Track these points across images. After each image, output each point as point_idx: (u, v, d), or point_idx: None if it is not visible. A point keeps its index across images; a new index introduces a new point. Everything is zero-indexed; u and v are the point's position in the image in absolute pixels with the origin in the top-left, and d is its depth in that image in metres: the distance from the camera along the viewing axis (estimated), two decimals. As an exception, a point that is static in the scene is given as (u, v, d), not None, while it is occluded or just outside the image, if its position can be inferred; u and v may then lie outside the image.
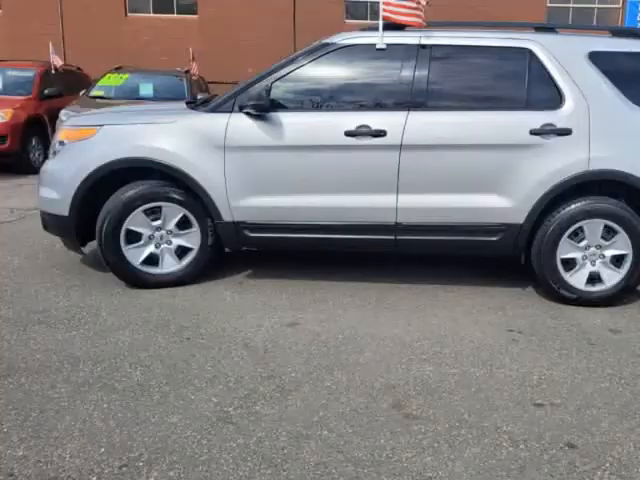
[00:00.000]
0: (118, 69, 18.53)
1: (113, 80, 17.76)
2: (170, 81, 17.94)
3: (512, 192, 7.02)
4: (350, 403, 4.95)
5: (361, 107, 7.31)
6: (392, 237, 7.24)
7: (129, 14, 28.77)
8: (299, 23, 27.29)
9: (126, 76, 17.95)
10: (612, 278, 7.18)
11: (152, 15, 28.97)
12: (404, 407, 4.92)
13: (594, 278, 7.20)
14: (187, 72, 19.02)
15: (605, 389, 5.33)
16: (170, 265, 7.39)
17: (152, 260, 7.35)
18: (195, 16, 28.64)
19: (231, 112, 7.13)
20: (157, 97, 16.53)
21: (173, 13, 29.04)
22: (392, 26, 7.27)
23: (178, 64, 20.76)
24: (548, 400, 5.10)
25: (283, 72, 7.21)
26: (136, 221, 7.18)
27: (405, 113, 7.04)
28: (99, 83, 17.75)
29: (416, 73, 7.13)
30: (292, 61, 7.30)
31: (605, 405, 5.05)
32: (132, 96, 16.57)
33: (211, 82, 21.14)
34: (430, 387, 5.25)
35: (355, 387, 5.20)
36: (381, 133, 6.98)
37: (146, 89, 17.33)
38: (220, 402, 4.89)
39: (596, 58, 7.10)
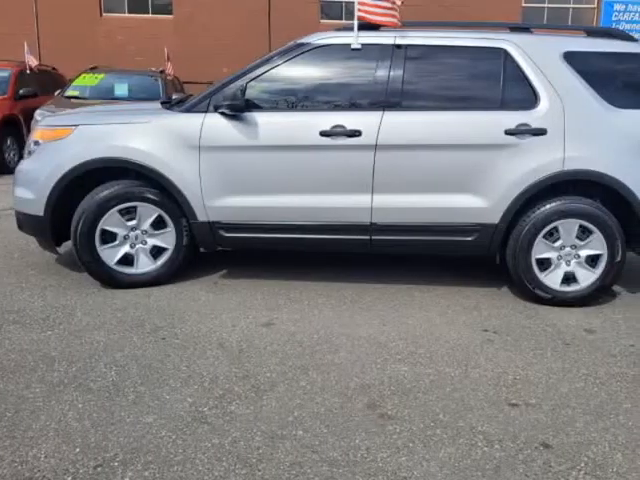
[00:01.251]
0: (93, 69, 18.48)
1: (88, 80, 17.67)
2: (145, 81, 17.88)
3: (487, 192, 7.03)
4: (325, 403, 4.94)
5: (336, 107, 7.30)
6: (367, 237, 7.23)
7: (104, 14, 28.58)
8: (274, 23, 27.21)
9: (101, 76, 17.88)
10: (587, 278, 7.19)
11: (127, 15, 28.81)
12: (379, 407, 4.91)
13: (569, 278, 7.22)
14: (162, 72, 18.97)
15: (580, 389, 5.33)
16: (145, 265, 7.37)
17: (127, 260, 7.32)
18: (170, 16, 28.51)
19: (206, 112, 7.12)
20: (132, 97, 16.43)
21: (148, 13, 28.89)
22: (367, 26, 7.27)
23: (153, 64, 20.66)
24: (523, 400, 5.10)
25: (258, 72, 7.21)
26: (111, 221, 7.16)
27: (380, 113, 7.04)
28: (74, 83, 17.66)
29: (391, 73, 7.13)
30: (267, 61, 7.29)
31: (580, 405, 5.05)
32: (107, 96, 16.53)
33: (186, 82, 21.07)
34: (405, 387, 5.24)
35: (330, 387, 5.20)
36: (356, 133, 6.98)
37: (121, 89, 17.27)
38: (195, 402, 4.87)
39: (571, 58, 7.12)
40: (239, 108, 6.97)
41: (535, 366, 5.73)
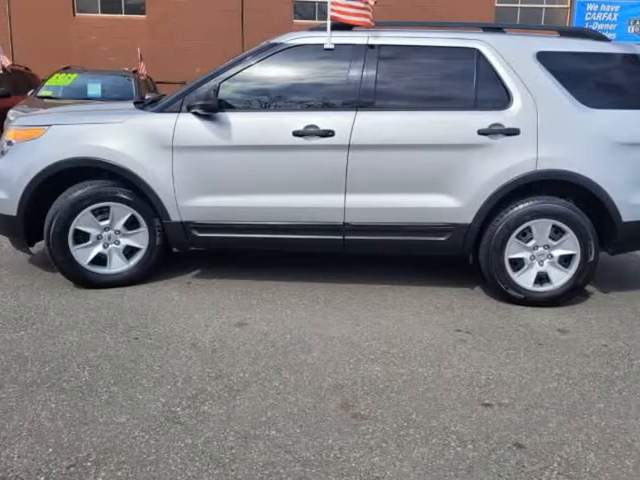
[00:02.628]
0: (66, 69, 18.41)
1: (61, 80, 17.60)
2: (118, 81, 17.84)
3: (460, 192, 7.03)
4: (298, 403, 4.92)
5: (309, 107, 7.28)
6: (340, 237, 7.21)
7: (77, 14, 28.43)
8: (247, 23, 27.20)
9: (74, 76, 17.80)
10: (560, 278, 7.20)
11: (100, 15, 28.67)
12: (352, 407, 4.89)
13: (542, 278, 7.23)
14: (135, 72, 18.89)
15: (553, 389, 5.33)
16: (118, 265, 7.34)
17: (100, 260, 7.28)
18: (143, 16, 28.38)
19: (179, 112, 7.09)
20: (105, 97, 16.41)
21: (121, 13, 28.75)
22: (340, 26, 7.26)
23: (126, 64, 20.63)
24: (496, 400, 5.10)
25: (231, 72, 7.19)
26: (84, 221, 7.13)
27: (353, 113, 7.03)
28: (47, 83, 17.59)
29: (364, 73, 7.12)
30: (240, 61, 7.28)
31: (553, 405, 5.05)
32: (80, 96, 16.46)
33: (159, 82, 21.01)
34: (378, 387, 5.23)
35: (303, 387, 5.18)
36: (329, 133, 6.97)
37: (94, 89, 17.22)
38: (168, 402, 4.84)
39: (544, 58, 7.13)
40: (212, 108, 6.95)
41: (508, 366, 5.72)
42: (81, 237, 7.18)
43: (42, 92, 17.06)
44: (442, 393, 5.18)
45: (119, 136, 7.10)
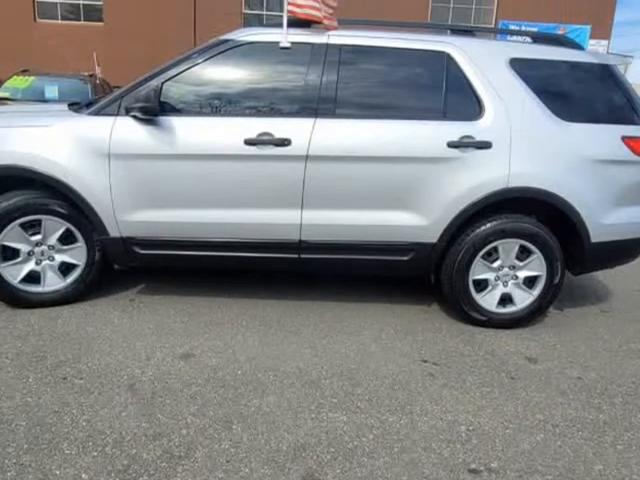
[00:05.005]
0: (24, 72, 16.99)
1: (19, 82, 16.16)
2: (75, 84, 16.36)
3: (426, 209, 5.68)
4: (253, 476, 3.48)
5: (263, 112, 5.77)
6: (296, 255, 5.80)
7: (38, 20, 27.08)
8: (199, 30, 25.92)
9: (32, 79, 16.36)
10: (524, 300, 6.01)
11: (60, 22, 27.34)
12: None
13: (505, 299, 6.01)
14: (91, 76, 17.50)
15: (542, 443, 4.05)
16: (53, 283, 5.84)
17: (34, 278, 5.80)
18: (101, 23, 27.03)
19: (117, 115, 5.55)
20: (62, 100, 14.91)
21: (80, 20, 27.41)
22: (298, 22, 5.84)
23: (85, 69, 19.30)
24: (483, 463, 3.77)
25: (175, 71, 5.67)
26: (12, 236, 5.60)
27: (312, 120, 5.59)
28: (5, 85, 16.17)
29: (324, 76, 5.68)
30: (186, 59, 5.74)
31: (548, 469, 3.77)
32: (37, 98, 15.12)
33: (116, 87, 19.71)
34: (346, 447, 3.83)
35: (259, 449, 3.73)
36: (285, 142, 5.51)
37: (51, 92, 15.80)
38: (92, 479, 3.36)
39: (518, 65, 5.80)
40: (153, 111, 5.44)
41: (486, 410, 4.42)
42: (10, 253, 5.68)
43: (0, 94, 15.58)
44: (421, 454, 3.82)
45: (47, 141, 5.54)
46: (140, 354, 4.94)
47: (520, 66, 5.81)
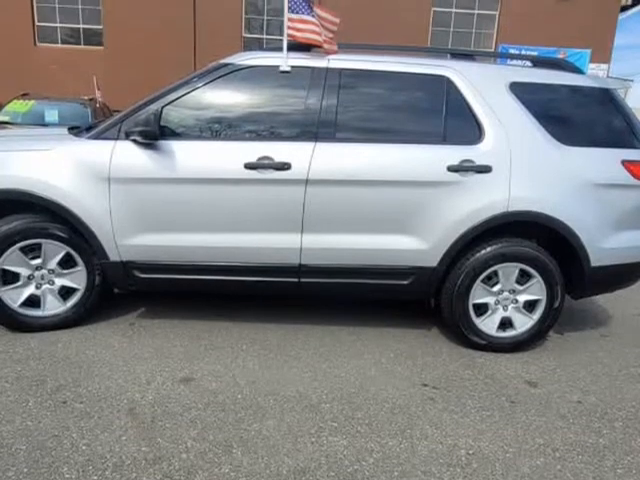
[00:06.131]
0: (24, 95, 17.03)
1: (19, 107, 16.18)
2: (75, 108, 16.37)
3: (426, 233, 5.70)
4: (253, 501, 3.50)
5: (263, 136, 5.79)
6: (296, 279, 5.82)
7: (38, 44, 27.13)
8: (199, 54, 25.95)
9: (32, 103, 16.37)
10: (524, 324, 6.02)
11: (60, 46, 27.39)
12: (319, 505, 3.50)
13: (505, 323, 6.02)
14: (91, 100, 17.53)
15: (542, 467, 4.05)
16: (54, 307, 5.85)
17: (34, 302, 5.81)
18: (101, 47, 27.10)
19: (117, 139, 5.59)
20: (62, 124, 14.95)
21: (80, 44, 27.48)
22: (298, 46, 5.90)
23: (85, 92, 19.33)
24: (484, 488, 3.76)
25: (175, 95, 5.71)
26: (12, 260, 5.62)
27: (312, 144, 5.62)
28: (5, 109, 16.20)
29: (324, 100, 5.73)
30: (186, 83, 5.78)
31: (549, 493, 3.74)
32: (38, 122, 15.10)
33: (116, 110, 19.74)
34: (346, 471, 3.83)
35: (259, 473, 3.74)
36: (285, 166, 5.54)
37: (51, 116, 15.82)
38: (91, 503, 3.38)
39: (518, 89, 5.85)
40: (153, 135, 5.46)
41: (486, 434, 4.42)
42: (10, 277, 5.69)
43: (0, 118, 15.61)
44: (421, 478, 3.83)
45: (48, 165, 5.56)
46: (140, 378, 4.96)
47: (520, 90, 5.85)
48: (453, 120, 5.75)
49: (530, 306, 5.98)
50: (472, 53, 6.46)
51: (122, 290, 6.43)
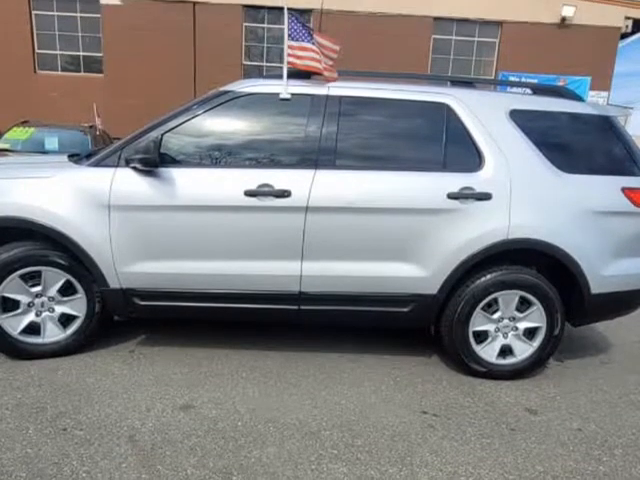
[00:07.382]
0: (24, 123, 17.07)
1: (19, 134, 16.23)
2: (74, 135, 16.45)
3: (426, 261, 5.73)
4: (253, 529, 3.51)
5: (263, 164, 5.84)
6: (296, 307, 5.85)
7: (38, 71, 27.21)
8: (199, 82, 26.03)
9: (32, 130, 16.42)
10: (524, 351, 6.03)
11: (60, 73, 27.46)
12: (319, 533, 3.52)
13: (505, 351, 6.03)
14: (91, 127, 17.58)
15: (543, 495, 4.04)
16: (54, 334, 5.88)
17: (34, 329, 5.83)
18: (101, 75, 27.16)
19: (116, 166, 5.63)
20: (62, 151, 15.02)
21: (80, 71, 27.57)
22: (298, 74, 5.97)
23: (85, 120, 19.37)
24: (484, 516, 3.79)
25: (175, 123, 5.76)
26: (12, 287, 5.66)
27: (312, 172, 5.67)
28: (5, 136, 16.23)
29: (324, 127, 5.78)
30: (185, 111, 5.83)
31: (550, 522, 3.76)
32: (38, 150, 15.17)
33: (117, 138, 19.76)
34: (347, 498, 3.86)
35: (259, 501, 3.78)
36: (285, 193, 5.59)
37: (51, 143, 15.87)
38: (91, 531, 3.39)
39: (518, 117, 5.90)
40: (153, 163, 5.50)
41: (486, 462, 4.43)
42: (10, 305, 5.72)
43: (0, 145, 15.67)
44: (421, 507, 3.85)
45: (47, 192, 5.61)
46: (140, 405, 4.98)
47: (520, 117, 5.91)
48: (453, 147, 5.80)
49: (530, 333, 6.00)
50: (472, 80, 6.53)
51: (122, 317, 6.48)
